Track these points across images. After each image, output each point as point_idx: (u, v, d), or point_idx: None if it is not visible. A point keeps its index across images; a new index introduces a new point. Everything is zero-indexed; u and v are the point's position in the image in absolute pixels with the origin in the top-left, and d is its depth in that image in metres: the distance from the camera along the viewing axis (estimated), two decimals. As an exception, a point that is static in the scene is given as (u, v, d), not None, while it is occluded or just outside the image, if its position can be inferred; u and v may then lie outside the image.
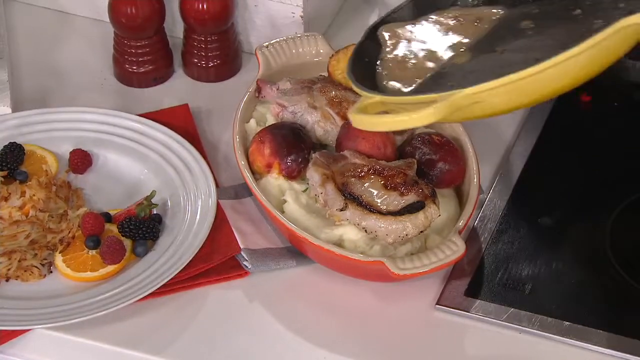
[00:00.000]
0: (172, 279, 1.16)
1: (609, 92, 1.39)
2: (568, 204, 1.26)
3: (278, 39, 1.33)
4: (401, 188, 1.16)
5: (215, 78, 1.43)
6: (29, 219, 1.21)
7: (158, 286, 1.15)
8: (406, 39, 1.17)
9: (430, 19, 1.19)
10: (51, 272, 1.19)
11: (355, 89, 1.13)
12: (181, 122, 1.34)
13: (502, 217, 1.24)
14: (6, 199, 1.22)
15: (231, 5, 1.38)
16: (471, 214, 1.18)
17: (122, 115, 1.33)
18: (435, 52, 1.15)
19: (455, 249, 1.13)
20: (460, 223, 1.17)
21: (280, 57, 1.32)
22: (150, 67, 1.41)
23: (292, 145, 1.21)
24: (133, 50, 1.40)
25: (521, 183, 1.28)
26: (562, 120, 1.36)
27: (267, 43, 1.33)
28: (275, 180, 1.22)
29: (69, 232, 1.21)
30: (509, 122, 1.36)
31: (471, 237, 1.22)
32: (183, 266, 1.17)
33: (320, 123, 1.25)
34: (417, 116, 1.06)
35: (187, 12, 1.38)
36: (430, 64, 1.15)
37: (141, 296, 1.14)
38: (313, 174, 1.18)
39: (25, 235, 1.20)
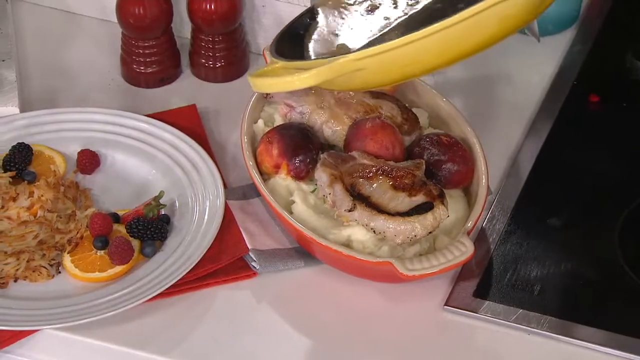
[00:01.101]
0: (180, 279, 1.16)
1: (618, 92, 1.39)
2: (577, 204, 1.26)
3: (286, 40, 1.33)
4: (410, 189, 1.16)
5: (222, 78, 1.43)
6: (37, 220, 1.21)
7: (166, 287, 1.15)
8: (340, 16, 1.20)
9: None
10: (59, 272, 1.19)
11: (266, 54, 1.19)
12: (189, 122, 1.34)
13: (510, 218, 1.24)
14: (14, 200, 1.22)
15: (239, 5, 1.38)
16: (480, 215, 1.18)
17: (130, 116, 1.33)
18: (365, 29, 1.19)
19: (464, 250, 1.13)
20: (469, 224, 1.16)
21: (288, 58, 1.32)
22: (158, 68, 1.41)
23: (301, 145, 1.21)
24: (141, 51, 1.40)
25: (530, 184, 1.28)
26: (571, 121, 1.36)
27: (275, 43, 1.33)
28: (283, 181, 1.22)
29: (77, 232, 1.21)
30: (518, 123, 1.36)
31: (480, 238, 1.22)
32: (191, 267, 1.17)
33: (328, 123, 1.24)
34: (298, 77, 1.11)
35: (194, 13, 1.38)
36: (357, 41, 1.18)
37: (149, 297, 1.14)
38: (321, 175, 1.18)
39: (33, 236, 1.20)
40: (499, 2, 1.08)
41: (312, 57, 1.18)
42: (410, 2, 1.20)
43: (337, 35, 1.19)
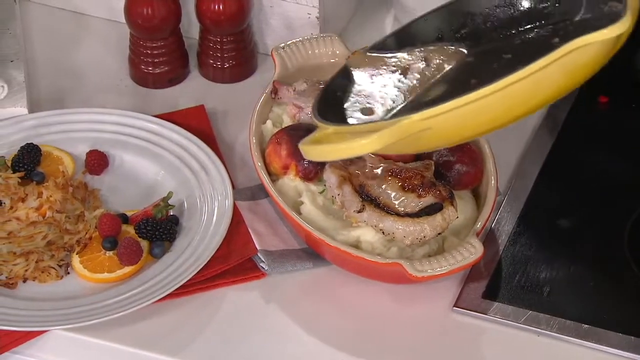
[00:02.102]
0: (189, 280, 1.16)
1: (627, 93, 1.39)
2: (586, 205, 1.26)
3: (294, 40, 1.33)
4: (419, 190, 1.15)
5: (230, 79, 1.43)
6: (45, 220, 1.21)
7: (175, 287, 1.15)
8: (379, 72, 1.16)
9: (411, 51, 1.18)
10: (68, 273, 1.19)
11: (314, 120, 1.13)
12: (197, 123, 1.34)
13: (519, 219, 1.24)
14: (23, 200, 1.23)
15: (247, 6, 1.38)
16: (489, 216, 1.17)
17: (138, 116, 1.33)
18: (407, 84, 1.14)
19: (473, 251, 1.12)
20: (478, 225, 1.16)
21: (296, 58, 1.32)
22: (166, 68, 1.41)
23: (309, 146, 1.21)
24: (149, 51, 1.40)
25: (539, 185, 1.28)
26: (580, 121, 1.35)
27: (283, 44, 1.33)
28: (292, 182, 1.22)
29: (86, 233, 1.21)
30: (526, 124, 1.35)
31: (489, 239, 1.22)
32: (200, 267, 1.17)
33: (337, 124, 1.24)
34: (358, 144, 1.04)
35: (203, 13, 1.38)
36: (401, 96, 1.13)
37: (158, 297, 1.14)
38: (330, 176, 1.18)
39: (42, 236, 1.20)
40: (574, 49, 1.02)
41: (357, 122, 1.12)
42: (438, 61, 1.17)
43: (374, 96, 1.14)
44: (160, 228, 1.20)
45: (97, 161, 1.29)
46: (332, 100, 1.14)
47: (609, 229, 1.22)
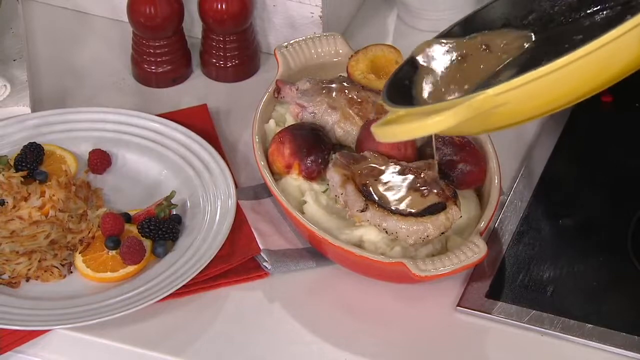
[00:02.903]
0: (192, 279, 1.16)
1: (631, 92, 1.38)
2: (589, 205, 1.25)
3: (297, 39, 1.33)
4: (422, 189, 1.15)
5: (233, 78, 1.43)
6: (48, 219, 1.21)
7: (178, 287, 1.15)
8: (443, 59, 1.16)
9: (472, 37, 1.17)
10: (71, 272, 1.19)
11: (384, 105, 1.10)
12: (200, 122, 1.34)
13: (523, 219, 1.24)
14: (26, 199, 1.22)
15: (250, 5, 1.38)
16: (492, 216, 1.17)
17: (141, 116, 1.33)
18: (480, 68, 1.13)
19: (476, 251, 1.12)
20: (482, 224, 1.16)
21: (299, 57, 1.32)
22: (169, 67, 1.41)
23: (312, 146, 1.21)
24: (152, 50, 1.40)
25: (542, 184, 1.27)
26: (583, 121, 1.35)
27: (286, 43, 1.32)
28: (295, 181, 1.22)
29: (89, 232, 1.21)
30: (530, 123, 1.35)
31: (492, 238, 1.22)
32: (203, 267, 1.16)
33: (340, 124, 1.24)
34: (431, 121, 1.01)
35: (205, 12, 1.38)
36: (470, 80, 1.12)
37: (161, 297, 1.14)
38: (333, 175, 1.18)
39: (45, 236, 1.20)
40: None
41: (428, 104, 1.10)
42: (502, 46, 1.15)
43: (441, 82, 1.12)
44: (163, 227, 1.20)
45: (100, 160, 1.29)
46: (401, 88, 1.13)
47: (613, 229, 1.22)
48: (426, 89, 1.13)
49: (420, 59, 1.15)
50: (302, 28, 1.41)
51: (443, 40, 1.16)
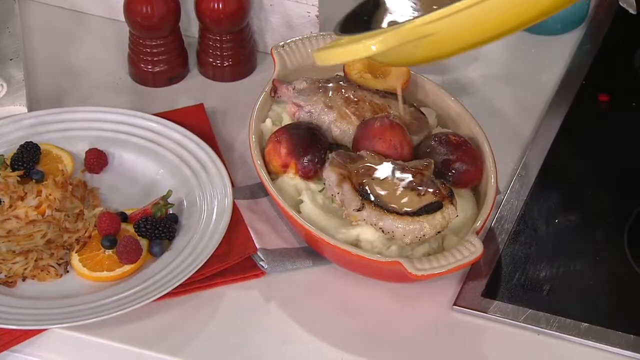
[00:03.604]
0: (188, 279, 1.16)
1: (628, 92, 1.39)
2: (586, 204, 1.26)
3: (294, 39, 1.33)
4: (418, 188, 1.15)
5: (230, 77, 1.43)
6: (45, 219, 1.21)
7: (174, 286, 1.15)
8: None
9: None
10: (67, 271, 1.19)
11: (334, 33, 1.13)
12: (196, 121, 1.34)
13: (519, 218, 1.24)
14: (22, 199, 1.22)
15: (247, 4, 1.38)
16: (489, 215, 1.17)
17: (138, 115, 1.33)
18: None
19: (472, 250, 1.12)
20: (478, 224, 1.16)
21: (296, 57, 1.32)
22: (166, 67, 1.41)
23: (309, 145, 1.21)
24: (148, 50, 1.40)
25: (538, 183, 1.28)
26: (580, 120, 1.35)
27: (283, 42, 1.32)
28: (291, 180, 1.22)
29: (85, 231, 1.20)
30: (526, 122, 1.35)
31: (488, 237, 1.22)
32: (199, 266, 1.16)
33: (336, 123, 1.24)
34: (361, 45, 1.03)
35: (202, 12, 1.38)
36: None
37: (157, 296, 1.14)
38: (330, 174, 1.18)
39: (41, 235, 1.20)
40: None
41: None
42: None
43: (400, 16, 1.13)
44: (159, 226, 1.20)
45: (97, 160, 1.29)
46: (360, 22, 1.14)
47: (609, 228, 1.22)
48: (384, 24, 1.13)
49: None
50: (299, 27, 1.41)
51: None
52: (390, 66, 1.13)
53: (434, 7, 1.04)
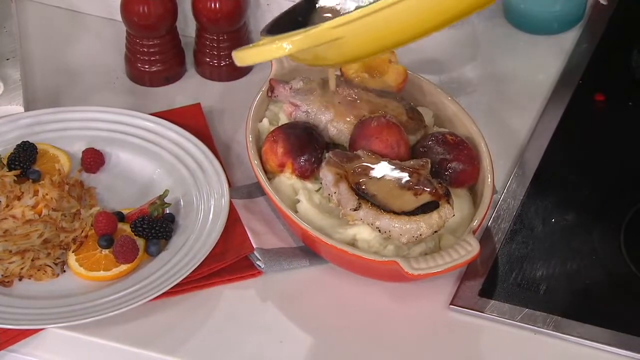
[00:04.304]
0: (185, 278, 1.16)
1: (624, 91, 1.39)
2: (582, 203, 1.26)
3: (291, 38, 1.33)
4: (415, 188, 1.15)
5: (227, 77, 1.43)
6: (42, 218, 1.21)
7: (171, 286, 1.15)
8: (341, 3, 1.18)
9: None
10: (64, 271, 1.19)
11: (260, 35, 1.15)
12: (193, 121, 1.34)
13: (516, 217, 1.24)
14: (19, 198, 1.22)
15: (243, 4, 1.38)
16: (485, 214, 1.17)
17: (135, 115, 1.33)
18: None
19: (469, 249, 1.12)
20: (475, 223, 1.16)
21: (292, 56, 1.32)
22: (162, 66, 1.41)
23: (306, 144, 1.21)
24: (145, 49, 1.40)
25: (535, 183, 1.28)
26: (576, 120, 1.35)
27: (279, 42, 1.32)
28: (288, 180, 1.22)
29: (82, 231, 1.20)
30: (523, 122, 1.36)
31: (485, 237, 1.22)
32: (196, 266, 1.16)
33: (333, 122, 1.24)
34: (274, 46, 1.07)
35: (199, 11, 1.38)
36: None
37: (154, 296, 1.14)
38: (326, 174, 1.18)
39: (38, 235, 1.20)
40: None
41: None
42: None
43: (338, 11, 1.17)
44: (156, 226, 1.20)
45: (93, 159, 1.29)
46: (291, 24, 1.16)
47: (606, 227, 1.22)
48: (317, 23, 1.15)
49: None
50: (296, 27, 1.41)
51: None
52: (311, 66, 1.17)
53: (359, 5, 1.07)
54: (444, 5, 1.05)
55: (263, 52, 1.09)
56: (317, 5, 1.19)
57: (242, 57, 1.12)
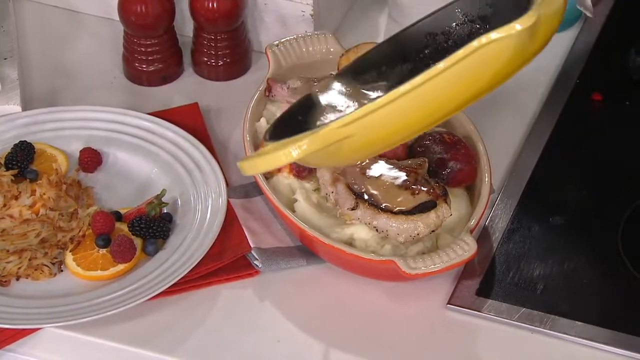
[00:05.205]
0: (182, 278, 1.16)
1: (621, 91, 1.39)
2: (580, 203, 1.26)
3: (288, 38, 1.33)
4: (412, 187, 1.15)
5: (224, 77, 1.43)
6: (39, 218, 1.21)
7: (168, 285, 1.15)
8: (342, 100, 1.15)
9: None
10: (62, 271, 1.19)
11: (263, 141, 1.11)
12: (191, 120, 1.34)
13: (513, 217, 1.24)
14: (17, 198, 1.22)
15: (241, 3, 1.38)
16: (482, 213, 1.17)
17: (132, 114, 1.33)
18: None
19: (466, 249, 1.12)
20: (472, 222, 1.16)
21: (290, 56, 1.32)
22: (160, 66, 1.41)
23: (303, 144, 1.21)
24: (143, 49, 1.40)
25: (533, 182, 1.28)
26: (574, 120, 1.36)
27: (277, 41, 1.32)
28: (285, 179, 1.22)
29: (80, 230, 1.20)
30: (520, 121, 1.36)
31: (482, 236, 1.22)
32: (193, 265, 1.16)
33: (330, 122, 1.24)
34: (282, 152, 1.01)
35: (197, 11, 1.38)
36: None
37: (152, 295, 1.14)
38: (324, 173, 1.18)
39: (35, 234, 1.20)
40: (482, 45, 0.98)
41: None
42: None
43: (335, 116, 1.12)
44: (153, 226, 1.20)
45: (91, 159, 1.29)
46: (292, 124, 1.12)
47: (603, 226, 1.23)
48: (318, 123, 1.12)
49: (318, 95, 1.15)
50: (294, 26, 1.41)
51: (339, 81, 1.16)
52: (320, 167, 1.12)
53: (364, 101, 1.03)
54: (450, 94, 1.01)
55: (271, 160, 1.03)
56: (318, 102, 1.15)
57: (247, 167, 1.06)
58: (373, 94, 1.13)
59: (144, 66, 1.41)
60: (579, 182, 1.28)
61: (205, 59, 1.42)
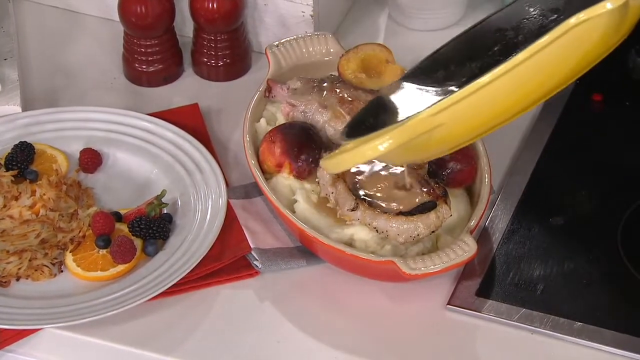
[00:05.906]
0: (182, 278, 1.16)
1: (621, 91, 1.39)
2: (579, 203, 1.26)
3: (288, 38, 1.33)
4: (412, 188, 1.15)
5: (224, 77, 1.43)
6: (39, 218, 1.21)
7: (168, 286, 1.15)
8: (410, 100, 1.14)
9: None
10: (62, 271, 1.19)
11: (341, 142, 1.10)
12: (191, 121, 1.34)
13: (513, 217, 1.24)
14: (17, 198, 1.22)
15: (241, 4, 1.38)
16: (482, 214, 1.17)
17: (132, 115, 1.33)
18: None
19: (466, 249, 1.12)
20: (472, 223, 1.16)
21: (290, 57, 1.32)
22: (160, 67, 1.41)
23: (303, 145, 1.21)
24: (143, 50, 1.40)
25: (532, 183, 1.28)
26: (574, 120, 1.36)
27: (277, 42, 1.33)
28: (285, 180, 1.22)
29: (80, 231, 1.20)
30: (520, 121, 1.35)
31: (482, 237, 1.22)
32: (193, 266, 1.16)
33: (330, 122, 1.24)
34: (369, 146, 1.00)
35: (197, 11, 1.38)
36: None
37: (152, 296, 1.14)
38: (324, 174, 1.18)
39: (35, 235, 1.20)
40: (577, 24, 0.97)
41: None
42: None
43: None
44: (153, 226, 1.20)
45: (91, 159, 1.29)
46: (365, 126, 1.12)
47: (603, 227, 1.23)
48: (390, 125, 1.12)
49: (389, 97, 1.15)
50: (294, 27, 1.41)
51: (409, 81, 1.16)
52: (401, 164, 1.11)
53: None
54: (541, 77, 1.00)
55: (357, 155, 1.02)
56: (390, 103, 1.15)
57: (331, 165, 1.06)
58: (454, 88, 1.10)
59: (144, 67, 1.41)
60: (579, 182, 1.28)
61: (205, 59, 1.42)
